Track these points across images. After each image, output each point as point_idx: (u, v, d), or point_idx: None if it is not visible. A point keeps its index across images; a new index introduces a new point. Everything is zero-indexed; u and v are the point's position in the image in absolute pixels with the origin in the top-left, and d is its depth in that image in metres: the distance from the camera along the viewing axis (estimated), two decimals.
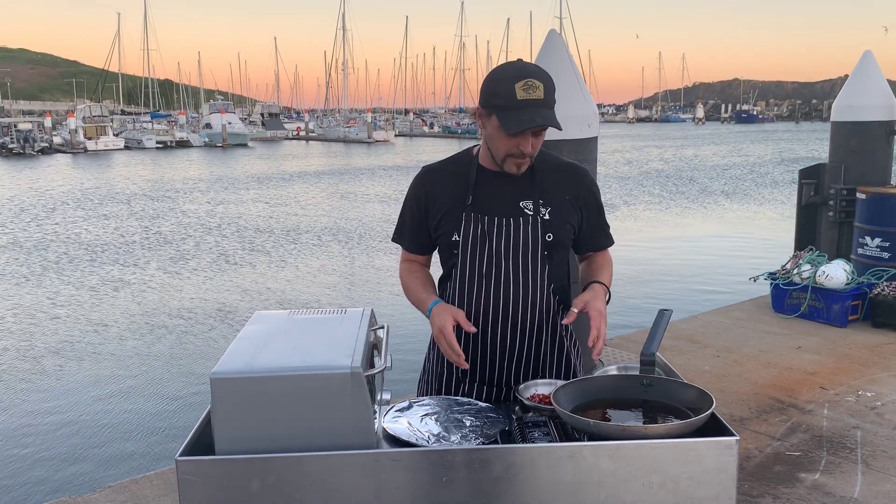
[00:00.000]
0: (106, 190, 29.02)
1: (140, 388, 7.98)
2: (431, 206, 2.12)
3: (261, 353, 1.61)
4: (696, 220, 19.81)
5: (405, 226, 2.21)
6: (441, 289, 2.19)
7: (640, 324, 7.08)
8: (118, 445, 6.59)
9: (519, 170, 2.02)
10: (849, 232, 6.78)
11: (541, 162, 2.09)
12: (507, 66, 1.98)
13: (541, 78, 1.92)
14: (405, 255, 2.25)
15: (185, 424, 6.74)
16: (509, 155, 1.99)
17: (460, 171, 2.12)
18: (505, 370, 2.11)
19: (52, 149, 52.41)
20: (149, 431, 6.88)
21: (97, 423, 7.08)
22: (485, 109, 1.98)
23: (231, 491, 1.52)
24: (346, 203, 24.29)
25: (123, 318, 10.63)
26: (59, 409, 7.42)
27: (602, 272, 2.14)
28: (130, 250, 15.89)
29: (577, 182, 2.13)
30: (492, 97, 1.95)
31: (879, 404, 4.48)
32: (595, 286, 2.06)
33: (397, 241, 2.25)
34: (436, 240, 2.14)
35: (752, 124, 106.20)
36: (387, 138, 68.07)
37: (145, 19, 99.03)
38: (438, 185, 2.12)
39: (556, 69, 4.14)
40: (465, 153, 2.18)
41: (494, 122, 1.95)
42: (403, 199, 2.20)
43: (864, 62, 7.01)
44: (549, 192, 2.08)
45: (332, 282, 12.88)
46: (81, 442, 6.67)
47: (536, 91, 1.89)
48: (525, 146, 1.96)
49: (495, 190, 2.07)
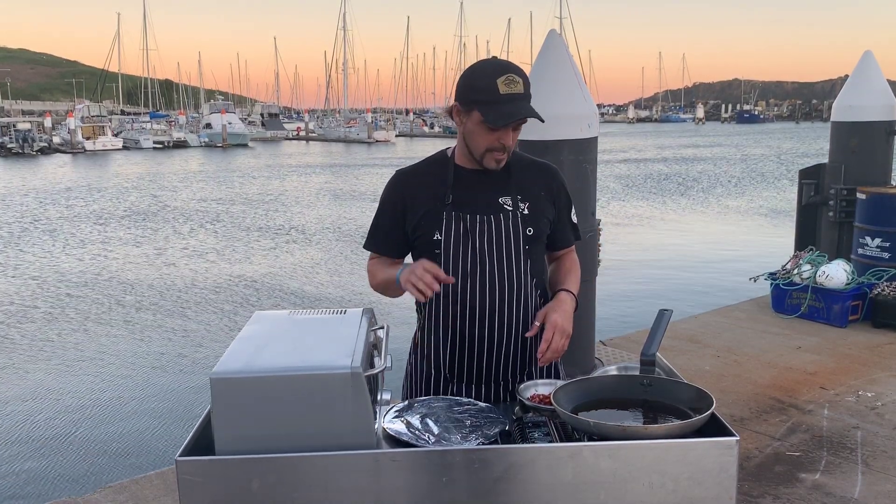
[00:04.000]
0: (97, 186, 29.04)
1: (140, 388, 7.98)
2: (410, 208, 2.11)
3: (261, 353, 1.61)
4: (696, 219, 19.81)
5: (379, 230, 2.19)
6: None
7: (641, 324, 7.07)
8: (118, 445, 6.59)
9: (498, 165, 2.05)
10: (849, 232, 6.78)
11: (514, 160, 2.13)
12: (485, 63, 2.02)
13: (519, 73, 1.97)
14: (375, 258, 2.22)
15: (185, 424, 6.74)
16: (490, 150, 2.02)
17: (436, 171, 2.14)
18: (493, 368, 2.11)
19: (51, 149, 52.38)
20: (149, 431, 6.88)
21: (97, 423, 7.08)
22: (464, 105, 2.01)
23: (231, 491, 1.52)
24: (346, 203, 24.29)
25: (123, 318, 10.63)
26: (59, 410, 7.42)
27: (569, 278, 2.19)
28: (128, 250, 15.90)
29: (549, 178, 2.18)
30: (472, 92, 1.98)
31: (879, 404, 4.48)
32: (561, 295, 2.11)
33: (370, 248, 2.22)
34: (414, 241, 2.13)
35: (753, 124, 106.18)
36: (388, 138, 68.01)
37: (145, 19, 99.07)
38: (416, 187, 2.13)
39: (556, 69, 4.15)
40: (440, 154, 2.20)
41: (476, 118, 1.98)
42: (378, 207, 2.20)
43: (864, 62, 7.01)
44: (526, 187, 2.12)
45: (332, 282, 12.88)
46: (82, 442, 6.66)
47: (517, 86, 1.94)
48: (506, 139, 2.00)
49: (474, 188, 2.09)
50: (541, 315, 2.05)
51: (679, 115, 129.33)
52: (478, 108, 1.96)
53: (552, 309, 2.05)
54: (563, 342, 2.02)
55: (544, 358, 2.01)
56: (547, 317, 2.03)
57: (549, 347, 2.00)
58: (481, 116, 1.96)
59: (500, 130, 1.98)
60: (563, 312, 2.04)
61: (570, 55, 4.29)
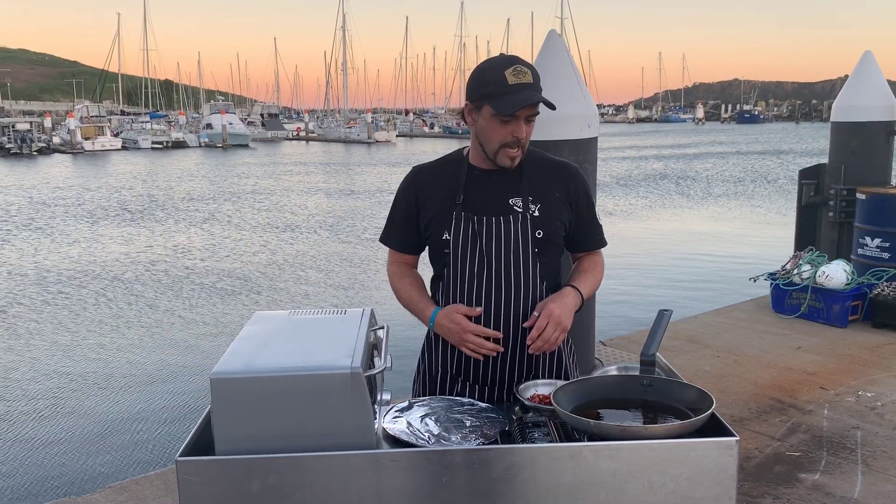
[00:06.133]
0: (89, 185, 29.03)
1: (140, 388, 7.98)
2: (423, 206, 2.12)
3: (261, 353, 1.61)
4: (696, 219, 19.81)
5: (394, 226, 2.20)
6: (433, 288, 2.19)
7: (641, 324, 7.08)
8: (118, 445, 6.59)
9: (512, 162, 2.03)
10: (849, 232, 6.78)
11: (530, 160, 2.11)
12: (492, 59, 2.02)
13: (527, 65, 1.97)
14: (393, 255, 2.25)
15: (185, 424, 6.74)
16: (503, 145, 2.00)
17: (451, 170, 2.13)
18: (498, 369, 2.10)
19: (49, 149, 52.34)
20: (149, 432, 6.88)
21: (97, 423, 7.08)
22: (474, 103, 2.01)
23: (231, 491, 1.52)
24: (346, 203, 24.28)
25: (122, 318, 10.63)
26: (58, 410, 7.42)
27: (583, 276, 2.14)
28: (128, 250, 15.90)
29: (567, 180, 2.12)
30: (482, 87, 1.98)
31: (879, 404, 4.48)
32: (566, 289, 2.07)
33: (385, 242, 2.25)
34: (426, 239, 2.14)
35: (753, 125, 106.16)
36: (388, 139, 67.96)
37: (145, 19, 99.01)
38: (430, 185, 2.13)
39: (556, 69, 4.14)
40: (456, 153, 2.19)
41: (487, 112, 1.97)
42: (393, 201, 2.20)
43: (864, 62, 7.01)
44: (539, 189, 2.08)
45: (331, 281, 12.88)
46: (82, 442, 6.66)
47: (526, 76, 1.94)
48: (519, 132, 1.98)
49: (485, 188, 2.08)
50: (540, 305, 2.02)
51: (679, 115, 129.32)
52: (488, 102, 1.96)
53: (551, 299, 2.02)
54: (557, 334, 1.98)
55: (533, 346, 1.97)
56: (544, 306, 2.00)
57: (541, 336, 1.96)
58: (492, 110, 1.95)
59: (513, 123, 1.96)
60: (561, 304, 2.01)
61: (570, 55, 4.29)
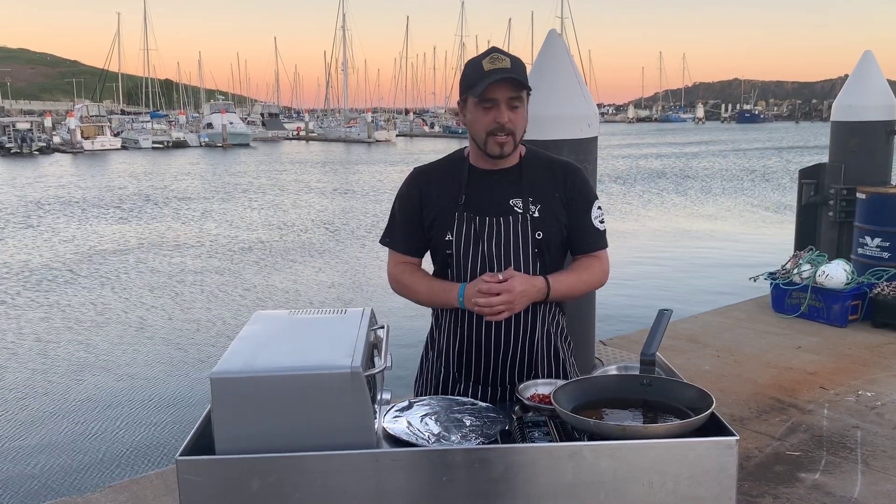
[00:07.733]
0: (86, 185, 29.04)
1: (140, 388, 7.98)
2: (426, 207, 2.12)
3: (261, 352, 1.61)
4: (695, 219, 19.81)
5: (396, 228, 2.18)
6: None
7: (641, 324, 7.07)
8: (118, 445, 6.59)
9: (502, 149, 2.02)
10: (849, 232, 6.78)
11: (532, 160, 2.11)
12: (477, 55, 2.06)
13: (506, 54, 1.99)
14: (396, 258, 2.20)
15: (185, 424, 6.74)
16: (489, 133, 2.01)
17: (452, 170, 2.13)
18: (499, 369, 2.11)
19: (49, 148, 52.33)
20: (149, 431, 6.88)
21: (97, 423, 7.08)
22: (461, 100, 2.06)
23: (231, 491, 1.52)
24: (347, 203, 24.28)
25: (122, 318, 10.62)
26: (58, 410, 7.42)
27: (565, 273, 2.08)
28: (125, 250, 15.89)
29: (566, 179, 2.11)
30: (464, 80, 2.03)
31: (879, 404, 4.48)
32: (538, 279, 2.01)
33: (387, 243, 2.20)
34: (429, 240, 2.14)
35: (753, 124, 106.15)
36: (389, 138, 67.94)
37: (145, 19, 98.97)
38: (432, 186, 2.13)
39: (556, 69, 4.14)
40: (457, 153, 2.19)
41: (471, 103, 2.01)
42: (393, 202, 2.19)
43: (864, 62, 7.00)
44: (539, 189, 2.08)
45: (331, 281, 12.88)
46: (82, 442, 6.66)
47: (503, 62, 1.97)
48: (500, 117, 1.98)
49: (486, 189, 2.08)
50: (508, 273, 1.96)
51: (679, 114, 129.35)
52: (469, 92, 2.00)
53: (523, 279, 1.96)
54: (500, 308, 1.92)
55: (470, 302, 1.96)
56: (512, 280, 1.94)
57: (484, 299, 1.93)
58: (474, 99, 1.99)
59: (494, 109, 1.97)
60: (525, 283, 1.96)
61: (570, 55, 4.28)
